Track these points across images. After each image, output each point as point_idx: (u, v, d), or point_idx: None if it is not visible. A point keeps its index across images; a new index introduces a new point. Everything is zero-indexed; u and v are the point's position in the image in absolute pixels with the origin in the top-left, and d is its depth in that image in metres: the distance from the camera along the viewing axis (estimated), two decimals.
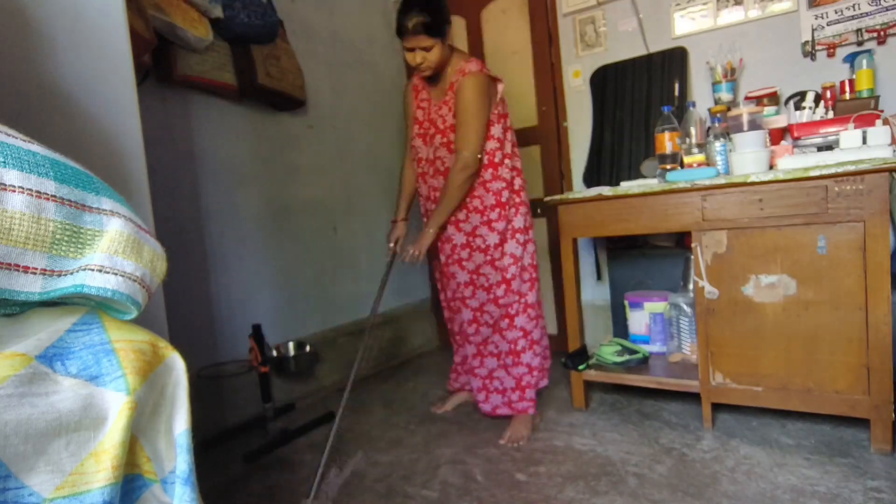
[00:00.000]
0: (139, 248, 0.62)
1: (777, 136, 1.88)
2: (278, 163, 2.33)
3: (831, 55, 2.05)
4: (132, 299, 0.59)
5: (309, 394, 2.34)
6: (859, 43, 1.99)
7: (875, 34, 1.96)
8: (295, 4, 2.43)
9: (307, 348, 2.22)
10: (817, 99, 1.94)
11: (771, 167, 1.62)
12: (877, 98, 1.78)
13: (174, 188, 1.91)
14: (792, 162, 1.53)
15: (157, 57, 1.77)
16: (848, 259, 1.46)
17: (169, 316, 1.03)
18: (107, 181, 0.64)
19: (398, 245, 2.00)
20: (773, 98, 2.04)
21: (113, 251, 0.59)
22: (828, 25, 2.05)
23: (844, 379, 1.49)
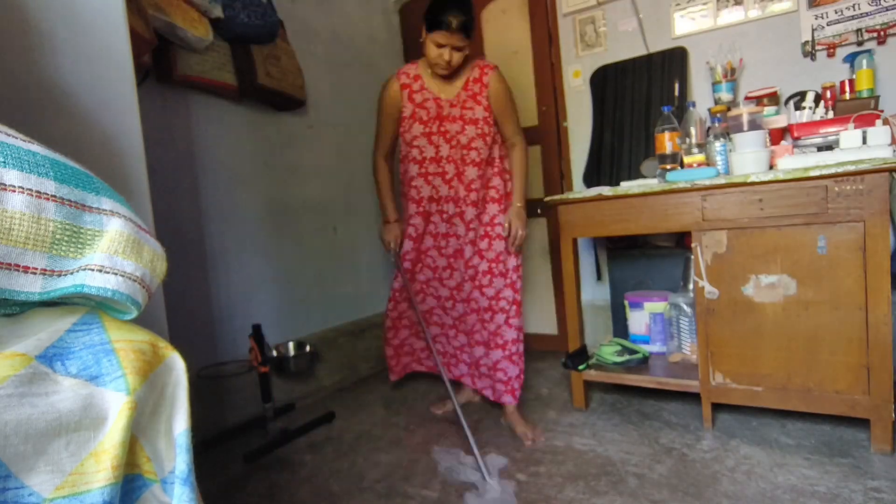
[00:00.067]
0: (139, 248, 0.62)
1: (777, 136, 1.88)
2: (278, 163, 2.33)
3: (831, 55, 2.05)
4: (132, 299, 0.59)
5: (309, 394, 2.34)
6: (859, 43, 1.99)
7: (875, 34, 1.96)
8: (295, 4, 2.43)
9: (307, 348, 2.22)
10: (817, 99, 1.94)
11: (771, 167, 1.62)
12: (877, 98, 1.78)
13: (174, 188, 1.91)
14: (792, 162, 1.53)
15: (157, 57, 1.77)
16: (848, 259, 1.46)
17: (169, 316, 1.03)
18: (107, 181, 0.64)
19: (396, 245, 1.97)
20: (773, 98, 2.04)
21: (113, 251, 0.59)
22: (828, 25, 2.05)
23: (844, 379, 1.49)
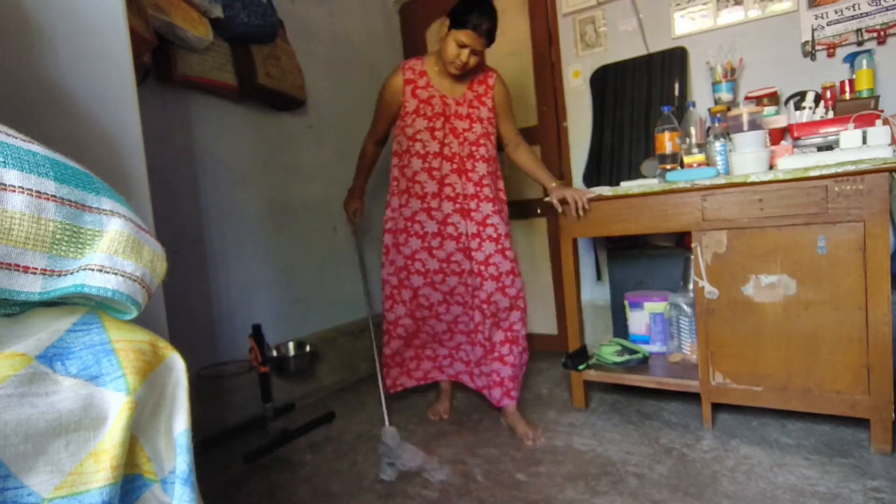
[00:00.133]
0: (139, 248, 0.62)
1: (777, 136, 1.88)
2: (278, 163, 2.33)
3: (831, 55, 2.05)
4: (132, 299, 0.59)
5: (309, 394, 2.34)
6: (859, 43, 1.99)
7: (875, 34, 1.96)
8: (295, 4, 2.43)
9: (307, 348, 2.22)
10: (817, 99, 1.94)
11: (771, 167, 1.62)
12: (877, 98, 1.77)
13: (174, 188, 1.91)
14: (792, 162, 1.53)
15: (157, 57, 1.77)
16: (848, 259, 1.46)
17: (169, 316, 1.03)
18: (107, 181, 0.64)
19: (358, 214, 2.08)
20: (773, 98, 2.04)
21: (113, 251, 0.59)
22: (828, 25, 2.05)
23: (844, 379, 1.49)
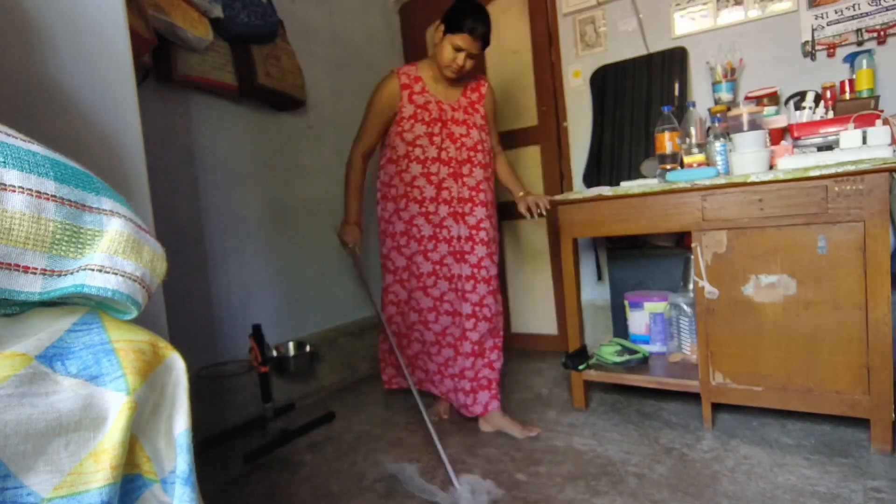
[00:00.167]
0: (139, 248, 0.62)
1: (777, 136, 1.88)
2: (278, 163, 2.33)
3: (831, 55, 2.05)
4: (132, 299, 0.59)
5: (309, 394, 2.34)
6: (859, 43, 1.99)
7: (875, 34, 1.96)
8: (295, 4, 2.43)
9: (307, 348, 2.22)
10: (817, 99, 1.94)
11: (771, 167, 1.62)
12: (877, 98, 1.78)
13: (174, 188, 1.91)
14: (792, 162, 1.53)
15: (157, 57, 1.77)
16: (848, 259, 1.46)
17: (169, 316, 1.03)
18: (107, 181, 0.64)
19: (358, 248, 1.96)
20: (773, 98, 2.04)
21: (113, 251, 0.59)
22: (828, 25, 2.05)
23: (844, 379, 1.49)
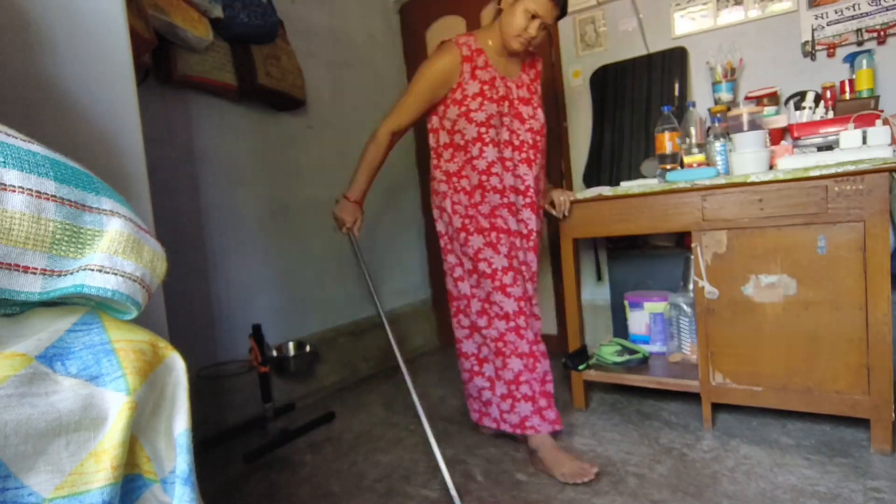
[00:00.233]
0: (139, 248, 0.62)
1: (777, 136, 1.88)
2: (278, 163, 2.33)
3: (831, 55, 2.05)
4: (132, 299, 0.59)
5: (309, 394, 2.34)
6: (859, 43, 1.99)
7: (875, 34, 1.96)
8: (295, 4, 2.43)
9: (307, 348, 2.22)
10: (817, 99, 1.94)
11: (771, 167, 1.62)
12: (877, 98, 1.77)
13: (174, 188, 1.91)
14: (792, 162, 1.53)
15: (157, 57, 1.77)
16: (848, 259, 1.46)
17: (169, 316, 1.03)
18: (107, 181, 0.64)
19: (357, 230, 1.72)
20: (773, 98, 2.04)
21: (113, 251, 0.59)
22: (828, 25, 2.05)
23: (844, 379, 1.49)
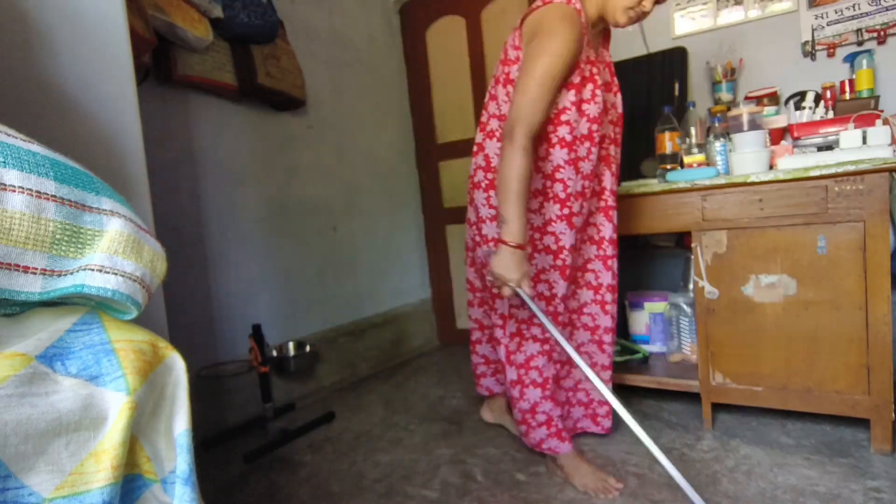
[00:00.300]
0: (139, 248, 0.62)
1: (777, 136, 1.88)
2: (278, 163, 2.33)
3: (831, 55, 2.05)
4: (132, 299, 0.59)
5: (309, 394, 2.34)
6: (859, 43, 1.99)
7: (875, 34, 1.96)
8: (295, 4, 2.43)
9: (307, 348, 2.22)
10: (817, 99, 1.94)
11: (771, 167, 1.62)
12: (877, 98, 1.78)
13: (174, 188, 1.91)
14: (792, 162, 1.53)
15: (157, 57, 1.77)
16: (848, 259, 1.46)
17: (169, 316, 1.03)
18: (107, 181, 0.64)
19: (528, 285, 1.28)
20: (773, 98, 2.04)
21: (113, 251, 0.59)
22: (828, 25, 2.05)
23: (844, 379, 1.49)
